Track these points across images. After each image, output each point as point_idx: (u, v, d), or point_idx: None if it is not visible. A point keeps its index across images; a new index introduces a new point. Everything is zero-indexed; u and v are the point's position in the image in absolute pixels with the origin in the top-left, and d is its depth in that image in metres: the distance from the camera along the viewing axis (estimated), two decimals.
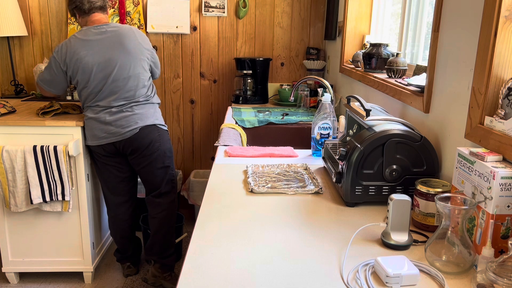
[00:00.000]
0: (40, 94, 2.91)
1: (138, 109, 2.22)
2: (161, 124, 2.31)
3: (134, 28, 2.24)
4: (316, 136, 1.72)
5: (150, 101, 2.28)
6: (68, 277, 2.57)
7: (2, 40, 3.04)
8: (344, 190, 1.25)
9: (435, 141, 1.32)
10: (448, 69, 1.27)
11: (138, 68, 2.20)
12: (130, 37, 2.19)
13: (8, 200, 2.26)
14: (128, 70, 2.17)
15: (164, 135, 2.33)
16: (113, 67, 2.15)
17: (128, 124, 2.19)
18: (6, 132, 2.27)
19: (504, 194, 0.87)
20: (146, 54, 2.24)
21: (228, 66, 3.22)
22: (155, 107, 2.32)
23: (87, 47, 2.14)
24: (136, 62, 2.19)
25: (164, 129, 2.33)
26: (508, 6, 0.99)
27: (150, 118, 2.25)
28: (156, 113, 2.31)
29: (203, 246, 1.01)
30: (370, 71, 2.01)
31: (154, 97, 2.32)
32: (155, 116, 2.29)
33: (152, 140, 2.25)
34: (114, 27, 2.19)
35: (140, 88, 2.22)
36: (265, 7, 3.13)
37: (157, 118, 2.30)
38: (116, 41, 2.15)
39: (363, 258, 0.96)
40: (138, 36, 2.22)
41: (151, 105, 2.29)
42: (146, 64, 2.25)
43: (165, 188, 2.37)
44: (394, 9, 2.28)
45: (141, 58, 2.21)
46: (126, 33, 2.18)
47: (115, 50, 2.15)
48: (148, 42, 2.27)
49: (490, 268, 0.79)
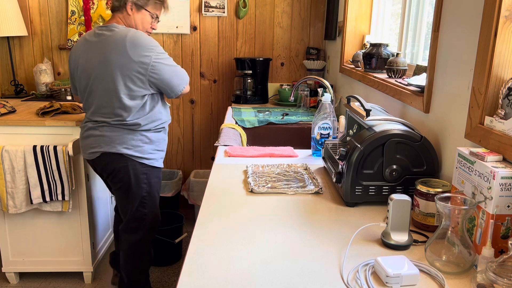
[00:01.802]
0: (40, 94, 2.91)
1: (107, 131, 1.89)
2: (134, 155, 1.90)
3: (131, 36, 1.81)
4: (316, 136, 1.72)
5: (126, 124, 1.87)
6: (68, 277, 2.57)
7: (2, 40, 3.04)
8: (344, 190, 1.25)
9: (435, 141, 1.32)
10: (448, 69, 1.27)
11: (117, 84, 1.81)
12: (117, 46, 1.80)
13: (6, 202, 2.25)
14: (104, 83, 1.84)
15: (136, 168, 1.92)
16: (90, 77, 1.87)
17: (92, 146, 1.92)
18: (6, 132, 2.27)
19: (504, 194, 0.87)
20: (135, 69, 1.80)
21: (228, 66, 3.22)
22: (134, 133, 1.89)
23: (82, 48, 1.92)
24: (116, 76, 1.81)
25: (138, 161, 1.91)
26: (508, 6, 0.99)
27: (117, 145, 1.88)
28: (131, 141, 1.89)
29: (203, 246, 1.01)
30: (370, 71, 2.01)
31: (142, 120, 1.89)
32: (127, 143, 1.88)
33: (114, 170, 1.93)
34: (111, 32, 1.85)
35: (117, 107, 1.84)
36: (265, 7, 3.13)
37: (130, 147, 1.89)
38: (101, 48, 1.84)
39: (363, 258, 0.96)
40: (130, 46, 1.79)
41: (126, 130, 1.88)
42: (136, 80, 1.82)
43: (131, 224, 2.03)
44: (394, 9, 2.28)
45: (124, 73, 1.80)
46: (115, 41, 1.81)
47: (96, 58, 1.85)
48: (143, 54, 1.80)
49: (490, 268, 0.79)
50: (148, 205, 2.01)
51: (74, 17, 3.04)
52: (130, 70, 1.80)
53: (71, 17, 3.04)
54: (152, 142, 1.95)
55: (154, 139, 1.95)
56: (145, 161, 1.93)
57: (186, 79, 1.96)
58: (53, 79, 3.03)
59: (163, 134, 2.03)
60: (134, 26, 1.93)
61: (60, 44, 3.08)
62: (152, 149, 1.95)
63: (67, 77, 3.13)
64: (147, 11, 1.93)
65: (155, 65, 1.83)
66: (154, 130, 1.95)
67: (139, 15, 1.91)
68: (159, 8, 1.97)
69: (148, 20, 1.96)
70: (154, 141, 1.95)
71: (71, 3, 3.01)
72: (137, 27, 1.94)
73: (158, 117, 1.95)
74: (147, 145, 1.93)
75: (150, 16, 1.95)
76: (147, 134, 1.93)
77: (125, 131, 1.88)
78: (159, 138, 1.99)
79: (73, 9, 3.03)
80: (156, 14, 1.97)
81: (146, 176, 1.95)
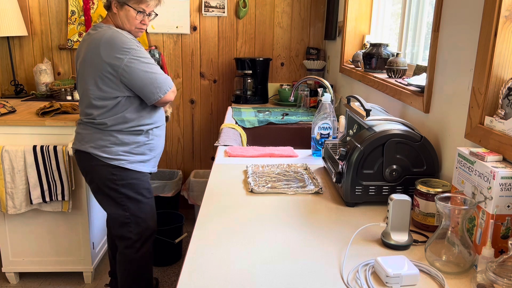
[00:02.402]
0: (40, 94, 2.91)
1: (81, 129, 1.90)
2: (100, 155, 1.83)
3: (107, 37, 1.76)
4: (316, 136, 1.72)
5: (93, 123, 1.84)
6: (68, 277, 2.57)
7: (2, 40, 3.04)
8: (344, 190, 1.25)
9: (435, 141, 1.32)
10: (448, 69, 1.27)
11: (88, 84, 1.80)
12: (93, 46, 1.77)
13: (5, 203, 2.25)
14: (82, 82, 1.84)
15: (102, 168, 1.85)
16: (77, 75, 1.91)
17: (73, 142, 1.95)
18: (6, 132, 2.27)
19: (504, 194, 0.87)
20: (106, 69, 1.75)
21: (228, 66, 3.22)
22: (103, 133, 1.84)
23: (79, 46, 1.91)
24: (87, 76, 1.80)
25: (104, 161, 1.84)
26: (508, 6, 0.99)
27: (85, 143, 1.86)
28: (99, 140, 1.84)
29: (203, 246, 1.01)
30: (370, 71, 2.01)
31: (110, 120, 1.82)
32: (94, 142, 1.84)
33: (84, 169, 1.92)
34: (95, 31, 1.83)
35: (86, 106, 1.84)
36: (265, 7, 3.13)
37: (97, 146, 1.84)
38: (84, 47, 1.83)
39: (363, 258, 0.96)
40: (103, 46, 1.74)
41: (95, 129, 1.84)
42: (107, 81, 1.77)
43: (117, 231, 1.96)
44: (394, 9, 2.28)
45: (92, 72, 1.78)
46: (93, 40, 1.79)
47: (80, 56, 1.85)
48: (116, 56, 1.74)
49: (490, 268, 0.79)
50: (129, 207, 1.91)
51: (74, 17, 3.04)
52: (101, 71, 1.76)
53: (71, 17, 3.04)
54: (124, 144, 1.85)
55: (126, 141, 1.86)
56: (114, 162, 1.84)
57: (164, 88, 1.82)
58: (53, 79, 3.03)
59: (143, 138, 1.90)
60: (121, 24, 1.85)
61: (60, 44, 3.08)
62: (123, 151, 1.86)
63: (67, 77, 3.13)
64: (130, 6, 1.82)
65: (127, 69, 1.75)
66: (128, 132, 1.85)
67: (123, 11, 1.83)
68: (143, 2, 1.83)
69: (133, 15, 1.83)
70: (127, 143, 1.86)
71: (71, 3, 3.01)
72: (125, 25, 1.85)
73: (133, 118, 1.85)
74: (117, 146, 1.85)
75: (135, 12, 1.83)
76: (118, 135, 1.84)
77: (94, 130, 1.84)
78: (135, 140, 1.88)
79: (73, 9, 3.03)
80: (141, 9, 1.83)
81: (116, 178, 1.86)
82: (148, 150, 1.93)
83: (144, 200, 1.95)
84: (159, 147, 2.02)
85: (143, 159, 1.93)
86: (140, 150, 1.91)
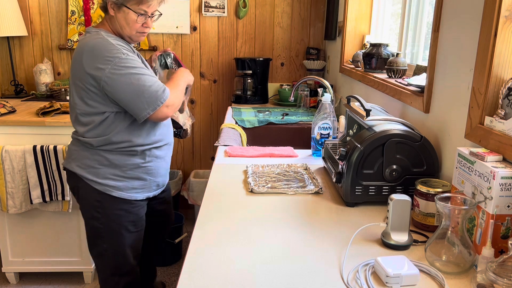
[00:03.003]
0: (40, 94, 2.91)
1: (70, 145, 1.68)
2: (86, 176, 1.59)
3: (91, 44, 1.52)
4: (316, 136, 1.72)
5: (79, 140, 1.61)
6: (68, 277, 2.57)
7: (2, 40, 3.04)
8: (344, 190, 1.25)
9: (435, 141, 1.32)
10: (448, 69, 1.27)
11: (74, 97, 1.59)
12: (77, 55, 1.55)
13: (6, 202, 2.25)
14: (69, 93, 1.64)
15: (87, 191, 1.61)
16: None
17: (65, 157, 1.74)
18: (6, 132, 2.27)
19: (504, 194, 0.87)
20: (89, 81, 1.51)
21: (228, 66, 3.22)
22: (90, 151, 1.60)
23: None
24: (72, 88, 1.60)
25: (90, 184, 1.59)
26: (508, 6, 0.99)
27: (72, 161, 1.64)
28: (85, 159, 1.60)
29: (203, 246, 1.01)
30: (370, 71, 2.01)
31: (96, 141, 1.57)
32: (80, 161, 1.61)
33: (71, 188, 1.71)
34: (83, 37, 1.61)
35: (73, 121, 1.64)
36: (265, 7, 3.13)
37: (83, 166, 1.60)
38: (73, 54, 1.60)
39: (363, 258, 0.96)
40: (86, 55, 1.51)
41: (82, 146, 1.61)
42: (92, 94, 1.53)
43: (94, 260, 1.74)
44: (394, 9, 2.28)
45: (77, 85, 1.55)
46: (78, 48, 1.57)
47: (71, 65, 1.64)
48: (97, 66, 1.49)
49: (490, 268, 0.79)
50: (107, 239, 1.64)
51: (74, 17, 3.04)
52: (84, 83, 1.53)
53: (71, 17, 3.04)
54: (114, 166, 1.59)
55: (117, 162, 1.59)
56: (99, 187, 1.59)
57: (154, 102, 1.49)
58: (53, 79, 3.03)
59: (138, 159, 1.62)
60: (120, 29, 1.61)
61: (60, 44, 3.08)
62: (112, 174, 1.59)
63: (67, 77, 3.13)
64: (128, 8, 1.57)
65: (108, 81, 1.48)
66: (118, 152, 1.59)
67: (120, 14, 1.58)
68: (144, 3, 1.58)
69: (133, 19, 1.59)
70: (117, 165, 1.59)
71: (71, 3, 3.01)
72: (124, 29, 1.61)
73: (124, 137, 1.58)
74: (105, 167, 1.59)
75: (135, 15, 1.58)
76: (107, 155, 1.59)
77: (82, 147, 1.61)
78: (127, 162, 1.60)
79: (73, 9, 3.03)
80: (142, 10, 1.58)
81: (100, 205, 1.60)
82: (144, 174, 1.65)
83: (127, 234, 1.66)
84: (161, 170, 1.71)
85: (138, 185, 1.65)
86: (135, 173, 1.63)
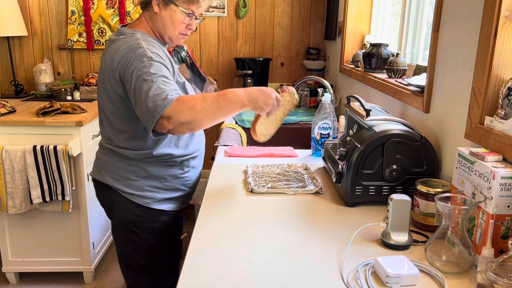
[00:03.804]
0: (40, 94, 2.91)
1: (100, 154, 1.54)
2: (122, 189, 1.47)
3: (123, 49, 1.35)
4: (316, 136, 1.72)
5: (114, 151, 1.47)
6: (68, 277, 2.57)
7: (2, 40, 3.04)
8: (344, 190, 1.25)
9: (435, 141, 1.32)
10: (448, 69, 1.27)
11: (102, 98, 1.46)
12: (108, 58, 1.40)
13: (5, 203, 2.25)
14: (99, 97, 1.50)
15: (123, 205, 1.48)
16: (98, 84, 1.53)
17: (92, 167, 1.59)
18: (6, 132, 2.27)
19: (504, 194, 0.87)
20: (120, 87, 1.37)
21: (228, 66, 3.22)
22: (126, 161, 1.46)
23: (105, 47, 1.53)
24: (103, 93, 1.45)
25: (126, 197, 1.47)
26: (508, 6, 0.99)
27: (105, 173, 1.49)
28: (121, 170, 1.47)
29: (203, 247, 1.01)
30: (370, 71, 2.01)
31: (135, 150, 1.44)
32: (115, 172, 1.47)
33: (102, 202, 1.58)
34: (116, 37, 1.45)
35: (105, 128, 1.49)
36: (265, 7, 3.13)
37: (118, 178, 1.47)
38: (104, 56, 1.47)
39: (363, 258, 0.96)
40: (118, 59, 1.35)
41: (117, 156, 1.47)
42: (126, 101, 1.39)
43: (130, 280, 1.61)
44: (394, 9, 2.28)
45: (112, 90, 1.40)
46: (109, 52, 1.42)
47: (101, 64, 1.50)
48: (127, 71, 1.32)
49: (490, 268, 0.79)
50: (146, 254, 1.52)
51: (74, 17, 3.04)
52: (116, 89, 1.39)
53: (71, 17, 3.04)
54: (153, 178, 1.48)
55: (156, 174, 1.48)
56: (138, 199, 1.48)
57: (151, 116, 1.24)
58: (53, 79, 3.03)
59: (176, 170, 1.52)
60: (161, 28, 1.47)
61: (60, 44, 3.08)
62: (150, 186, 1.48)
63: (67, 77, 3.13)
64: (177, 6, 1.44)
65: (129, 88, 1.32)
66: (157, 162, 1.48)
67: (167, 12, 1.45)
68: (195, 3, 1.46)
69: (180, 18, 1.45)
70: (156, 176, 1.48)
71: (71, 3, 3.01)
72: (167, 29, 1.47)
73: (168, 151, 1.47)
74: (143, 179, 1.47)
75: (183, 14, 1.45)
76: (145, 167, 1.47)
77: (117, 158, 1.48)
78: (166, 173, 1.50)
79: (73, 9, 3.03)
80: (191, 10, 1.46)
81: (139, 219, 1.49)
82: (181, 185, 1.55)
83: (166, 247, 1.59)
84: (195, 180, 1.64)
85: (175, 196, 1.55)
86: (173, 185, 1.53)
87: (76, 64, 3.14)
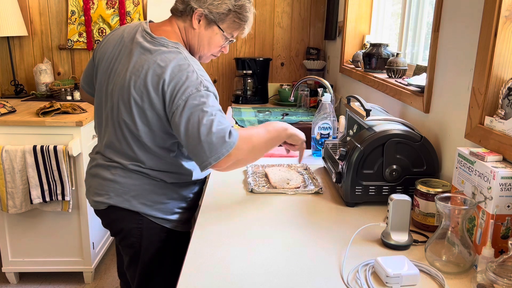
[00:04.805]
0: (40, 94, 2.91)
1: (122, 177, 1.32)
2: (154, 214, 1.32)
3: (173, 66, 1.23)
4: (316, 136, 1.72)
5: (145, 173, 1.31)
6: (68, 277, 2.57)
7: (2, 40, 3.04)
8: (344, 190, 1.25)
9: (435, 141, 1.32)
10: (448, 69, 1.27)
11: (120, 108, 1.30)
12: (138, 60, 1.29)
13: (6, 202, 2.25)
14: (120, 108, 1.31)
15: (153, 232, 1.33)
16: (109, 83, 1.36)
17: (98, 192, 1.36)
18: (6, 132, 2.27)
19: (504, 194, 0.87)
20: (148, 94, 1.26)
21: (228, 66, 3.22)
22: (157, 184, 1.33)
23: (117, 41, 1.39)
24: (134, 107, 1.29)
25: (158, 223, 1.33)
26: (508, 6, 0.99)
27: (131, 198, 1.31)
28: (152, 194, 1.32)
29: (203, 247, 1.01)
30: (370, 71, 2.01)
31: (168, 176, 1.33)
32: (145, 197, 1.32)
33: (123, 231, 1.36)
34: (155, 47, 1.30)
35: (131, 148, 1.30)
36: (265, 7, 3.13)
37: (149, 202, 1.32)
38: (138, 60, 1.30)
39: (363, 258, 0.96)
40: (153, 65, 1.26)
41: (146, 179, 1.32)
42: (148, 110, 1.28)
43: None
44: (394, 9, 2.28)
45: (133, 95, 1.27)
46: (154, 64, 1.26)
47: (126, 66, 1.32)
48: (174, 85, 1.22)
49: (490, 268, 0.79)
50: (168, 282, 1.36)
51: (74, 17, 3.04)
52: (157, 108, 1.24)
53: (71, 17, 3.04)
54: (181, 198, 1.38)
55: (185, 194, 1.39)
56: (168, 224, 1.35)
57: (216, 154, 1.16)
58: (53, 79, 3.04)
59: (197, 187, 1.46)
60: (197, 45, 1.36)
61: (60, 44, 3.08)
62: (179, 207, 1.37)
63: (67, 77, 3.13)
64: (220, 29, 1.34)
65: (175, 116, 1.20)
66: (187, 183, 1.38)
67: (207, 32, 1.34)
68: (237, 28, 1.37)
69: (219, 42, 1.37)
70: (184, 197, 1.39)
71: (71, 3, 3.01)
72: (202, 48, 1.37)
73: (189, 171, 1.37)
74: (174, 201, 1.36)
75: (224, 38, 1.36)
76: (177, 188, 1.36)
77: (146, 181, 1.31)
78: (193, 192, 1.43)
79: (73, 9, 3.03)
80: (231, 35, 1.38)
81: (169, 245, 1.37)
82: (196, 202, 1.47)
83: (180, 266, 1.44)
84: None
85: (190, 217, 1.45)
86: (193, 202, 1.44)
87: (76, 64, 3.14)
